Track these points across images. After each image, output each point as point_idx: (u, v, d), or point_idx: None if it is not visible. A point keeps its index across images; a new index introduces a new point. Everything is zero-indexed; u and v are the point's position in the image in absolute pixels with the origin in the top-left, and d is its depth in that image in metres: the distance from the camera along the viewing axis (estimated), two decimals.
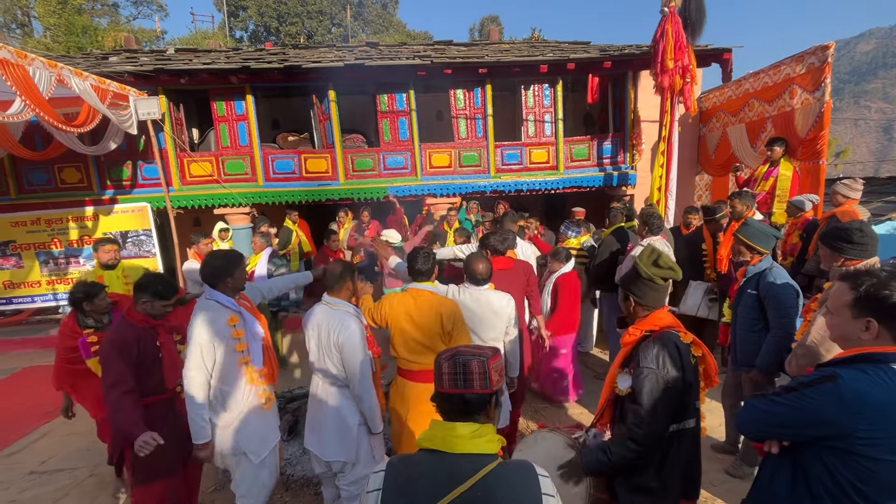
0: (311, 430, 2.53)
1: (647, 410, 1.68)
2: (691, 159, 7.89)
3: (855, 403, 1.19)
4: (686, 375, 1.72)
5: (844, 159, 22.83)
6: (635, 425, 1.70)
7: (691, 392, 1.77)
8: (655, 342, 1.74)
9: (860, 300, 1.28)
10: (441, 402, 1.18)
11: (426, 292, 2.63)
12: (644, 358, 1.72)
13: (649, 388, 1.69)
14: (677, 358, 1.71)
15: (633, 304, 1.88)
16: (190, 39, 22.48)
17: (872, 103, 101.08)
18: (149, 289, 2.42)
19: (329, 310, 2.41)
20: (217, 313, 2.32)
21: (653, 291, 1.84)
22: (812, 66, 5.17)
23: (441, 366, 1.18)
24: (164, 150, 6.75)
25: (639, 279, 1.85)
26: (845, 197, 4.21)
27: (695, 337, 1.81)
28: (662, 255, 1.86)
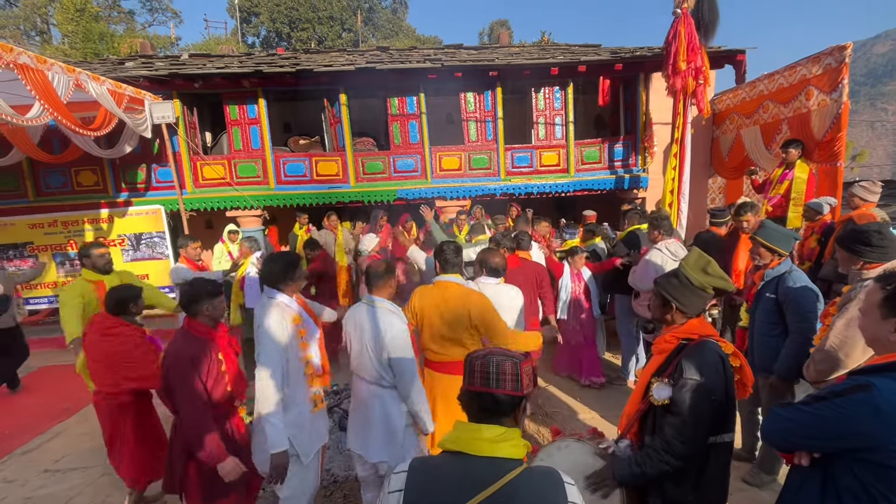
0: (356, 431, 2.50)
1: (690, 423, 1.61)
2: (704, 162, 7.79)
3: (891, 415, 1.14)
4: (728, 387, 1.66)
5: (861, 162, 22.43)
6: (676, 439, 1.62)
7: (732, 404, 1.70)
8: (699, 352, 1.66)
9: (889, 300, 1.24)
10: (469, 401, 1.16)
11: (454, 284, 2.66)
12: (687, 368, 1.63)
13: (693, 400, 1.60)
14: (721, 369, 1.64)
15: (674, 311, 1.78)
16: (203, 45, 22.85)
17: (889, 105, 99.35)
18: (202, 293, 2.35)
19: (372, 309, 2.40)
20: (283, 313, 2.29)
21: (699, 300, 1.76)
22: (829, 67, 5.08)
23: (473, 364, 1.16)
24: (177, 154, 6.84)
25: (686, 286, 1.76)
26: (863, 200, 4.12)
27: (734, 347, 1.74)
28: (711, 262, 1.79)
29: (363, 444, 2.45)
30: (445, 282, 2.68)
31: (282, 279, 2.35)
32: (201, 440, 2.19)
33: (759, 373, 2.90)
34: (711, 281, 1.74)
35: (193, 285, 2.41)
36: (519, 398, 1.14)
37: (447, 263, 2.69)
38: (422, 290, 2.74)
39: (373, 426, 2.41)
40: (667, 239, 3.92)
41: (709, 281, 1.74)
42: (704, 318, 1.79)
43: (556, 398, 4.46)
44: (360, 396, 2.48)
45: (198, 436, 2.20)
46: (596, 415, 4.10)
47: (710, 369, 1.61)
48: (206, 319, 2.36)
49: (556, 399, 4.45)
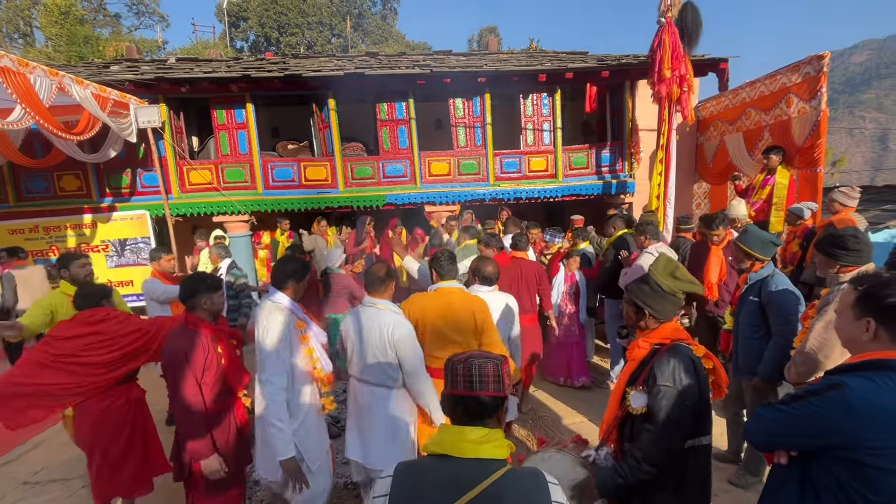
0: (355, 438, 2.50)
1: (666, 431, 1.61)
2: (689, 168, 7.93)
3: (861, 412, 1.17)
4: (703, 390, 1.66)
5: (840, 168, 23.00)
6: (653, 447, 1.62)
7: (707, 406, 1.70)
8: (670, 357, 1.66)
9: (861, 300, 1.28)
10: (453, 405, 1.16)
11: (456, 290, 2.72)
12: (660, 375, 1.64)
13: (667, 406, 1.60)
14: (693, 373, 1.64)
15: (647, 317, 1.79)
16: (191, 49, 22.68)
17: (867, 113, 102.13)
18: (201, 287, 2.35)
19: (375, 311, 2.42)
20: (286, 316, 2.30)
21: (670, 305, 1.77)
22: (808, 76, 5.22)
23: (455, 368, 1.17)
24: (163, 158, 6.76)
25: (657, 292, 1.77)
26: (842, 205, 4.23)
27: (706, 349, 1.75)
28: (680, 266, 1.82)
29: (363, 451, 2.45)
30: (447, 288, 2.72)
31: (290, 280, 2.37)
32: (187, 435, 2.21)
33: (743, 375, 2.95)
34: (680, 285, 1.76)
35: (192, 279, 2.41)
36: (501, 399, 1.16)
37: (444, 270, 2.75)
38: (418, 297, 2.77)
39: (374, 431, 2.41)
40: (655, 243, 3.98)
41: (678, 285, 1.76)
42: (677, 323, 1.80)
43: (544, 403, 4.48)
44: (361, 401, 2.46)
45: (185, 431, 2.22)
46: (584, 418, 4.12)
47: (683, 374, 1.62)
48: (204, 314, 2.35)
49: (544, 405, 4.46)
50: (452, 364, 1.18)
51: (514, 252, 4.29)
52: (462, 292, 2.73)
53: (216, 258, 4.98)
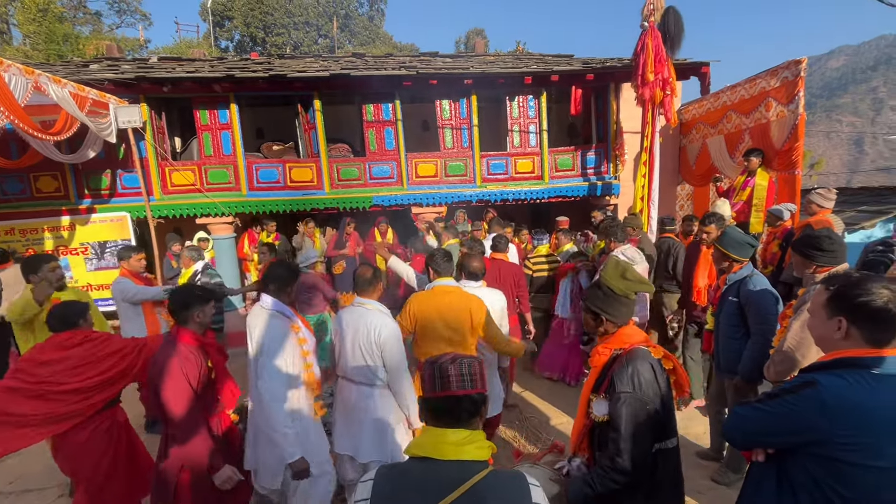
0: (345, 434, 2.54)
1: (630, 437, 1.58)
2: (673, 170, 8.04)
3: (834, 409, 1.20)
4: (664, 393, 1.64)
5: (818, 170, 23.59)
6: (619, 455, 1.59)
7: (670, 409, 1.69)
8: (629, 362, 1.63)
9: (832, 299, 1.30)
10: (432, 408, 1.16)
11: (453, 288, 2.78)
12: (619, 381, 1.61)
13: (629, 413, 1.58)
14: (652, 376, 1.62)
15: (605, 322, 1.78)
16: (174, 49, 22.33)
17: (843, 117, 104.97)
18: (193, 299, 2.31)
19: (363, 311, 2.48)
20: (282, 322, 2.32)
21: (624, 307, 1.76)
22: (786, 80, 5.34)
23: (431, 371, 1.16)
24: (144, 159, 6.64)
25: (609, 295, 1.76)
26: (819, 206, 4.33)
27: (664, 350, 1.74)
28: (628, 267, 1.80)
29: (353, 446, 2.49)
30: (444, 286, 2.78)
31: (283, 288, 2.38)
32: (196, 450, 2.16)
33: (724, 374, 3.00)
34: (631, 286, 1.75)
35: (184, 291, 2.37)
36: (480, 397, 1.16)
37: (441, 268, 2.82)
38: (418, 296, 2.83)
39: (363, 427, 2.45)
40: (621, 245, 4.01)
41: (628, 286, 1.74)
42: (634, 325, 1.79)
43: (531, 404, 4.49)
44: (348, 399, 2.50)
45: (193, 445, 2.16)
46: (570, 419, 4.14)
47: (642, 378, 1.60)
48: (195, 326, 2.32)
49: (531, 405, 4.47)
50: (426, 367, 1.17)
51: (494, 253, 4.33)
52: (459, 291, 2.79)
53: (188, 261, 4.82)
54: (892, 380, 1.20)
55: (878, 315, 1.21)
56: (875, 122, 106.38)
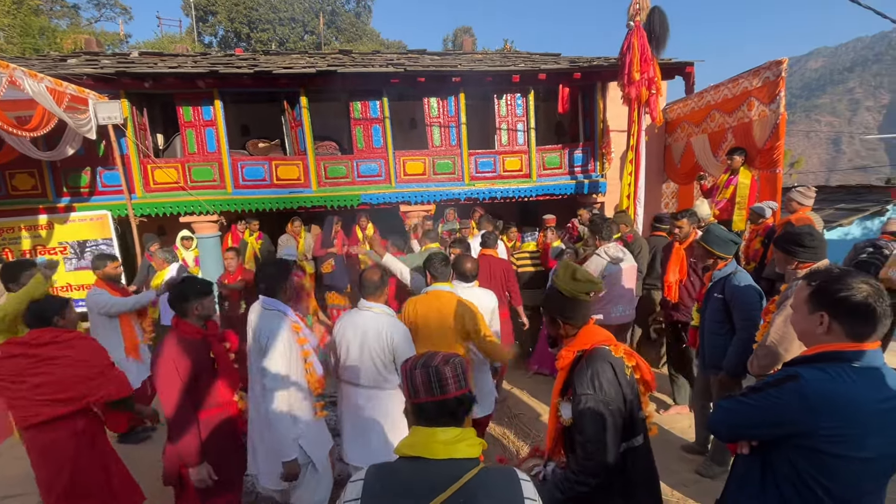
0: (355, 442, 2.53)
1: (593, 440, 1.56)
2: (658, 168, 8.14)
3: (816, 401, 1.22)
4: (625, 391, 1.62)
5: (798, 169, 24.12)
6: (585, 458, 1.58)
7: (634, 407, 1.66)
8: (588, 364, 1.62)
9: (814, 295, 1.33)
10: (420, 412, 1.14)
11: (446, 293, 2.82)
12: (579, 384, 1.60)
13: (590, 415, 1.56)
14: (613, 376, 1.60)
15: (563, 325, 1.77)
16: (156, 44, 21.83)
17: (822, 117, 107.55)
18: (191, 292, 2.32)
19: (371, 315, 2.47)
20: (282, 321, 2.31)
21: (580, 307, 1.75)
22: (768, 80, 5.44)
23: (414, 376, 1.14)
24: (126, 156, 6.50)
25: (562, 299, 1.75)
26: (800, 204, 4.43)
27: (626, 347, 1.73)
28: (578, 269, 1.79)
29: (364, 454, 2.47)
30: (438, 291, 2.83)
31: (278, 286, 2.36)
32: (178, 442, 2.19)
33: (709, 370, 3.05)
34: (581, 286, 1.73)
35: (183, 283, 2.37)
36: (467, 396, 1.16)
37: (438, 273, 2.86)
38: (415, 300, 2.87)
39: (374, 431, 2.46)
40: (606, 243, 4.06)
41: (579, 287, 1.73)
42: (594, 325, 1.78)
43: (523, 401, 4.52)
44: (357, 404, 2.50)
45: (176, 438, 2.20)
46: None
47: (602, 379, 1.58)
48: (195, 319, 2.33)
49: (523, 402, 4.50)
50: (409, 373, 1.15)
51: (484, 249, 4.39)
52: (452, 294, 2.83)
53: (161, 263, 4.60)
54: (872, 372, 1.23)
55: (858, 309, 1.24)
56: (852, 122, 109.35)
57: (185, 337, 2.28)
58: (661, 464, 1.84)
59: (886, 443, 1.21)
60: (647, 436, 1.73)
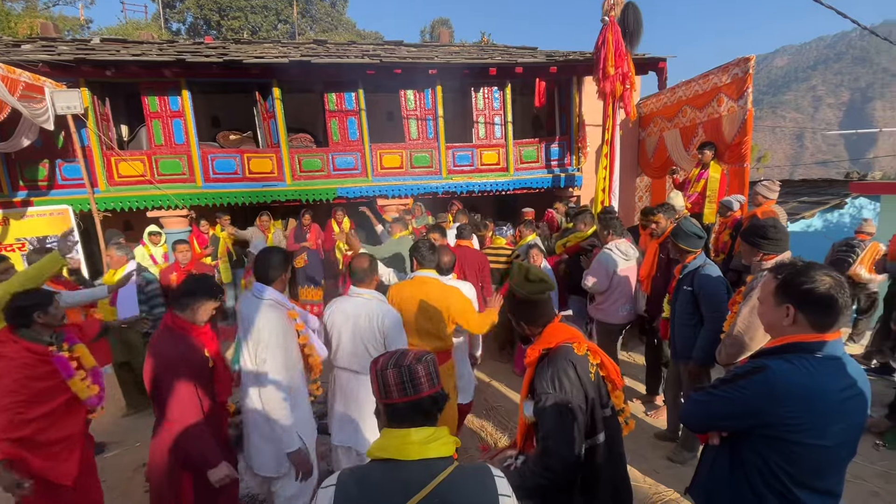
0: (342, 425, 2.55)
1: (554, 436, 1.56)
2: (632, 162, 8.29)
3: (781, 391, 1.26)
4: (587, 390, 1.60)
5: (765, 163, 24.96)
6: (547, 453, 1.57)
7: (595, 406, 1.64)
8: (548, 363, 1.62)
9: (780, 287, 1.37)
10: (393, 413, 1.12)
11: (432, 279, 2.86)
12: (539, 383, 1.60)
13: (550, 413, 1.56)
14: (573, 375, 1.59)
15: (526, 327, 1.77)
16: (119, 30, 20.86)
17: (787, 113, 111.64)
18: (202, 290, 2.19)
19: (362, 301, 2.49)
20: (279, 311, 2.28)
21: (540, 307, 1.74)
22: (736, 77, 5.58)
23: (385, 377, 1.11)
24: (87, 148, 6.20)
25: (520, 301, 1.74)
26: (765, 197, 4.58)
27: (590, 344, 1.71)
28: (531, 269, 1.77)
29: (353, 436, 2.52)
30: (423, 277, 2.87)
31: (274, 274, 2.32)
32: (194, 444, 2.07)
33: (680, 360, 3.14)
34: (535, 286, 1.72)
35: (196, 280, 2.23)
36: (440, 395, 1.14)
37: (424, 259, 2.89)
38: (399, 286, 2.91)
39: (364, 415, 2.49)
40: (617, 239, 3.99)
41: (533, 287, 1.72)
42: (559, 323, 1.75)
43: (499, 392, 4.56)
44: (348, 388, 2.52)
45: (190, 439, 2.06)
46: None
47: (562, 377, 1.57)
48: (192, 316, 2.19)
49: (500, 393, 4.54)
50: (380, 373, 1.11)
51: (459, 241, 4.47)
52: (438, 281, 2.86)
53: (118, 261, 4.15)
54: (833, 362, 1.28)
55: (821, 301, 1.28)
56: (814, 119, 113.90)
57: (183, 335, 2.16)
58: (634, 451, 1.87)
59: (846, 430, 1.26)
60: (614, 434, 1.71)
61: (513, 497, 1.10)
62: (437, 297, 2.76)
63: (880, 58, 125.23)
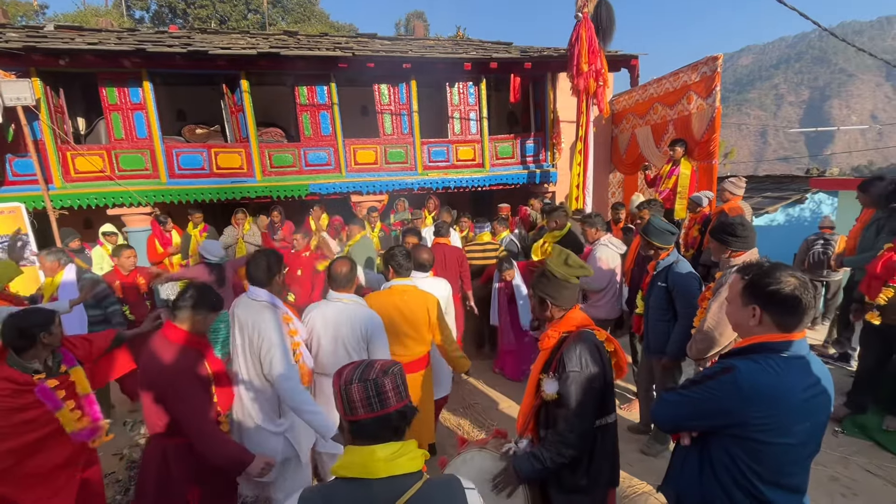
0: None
1: (578, 413, 1.69)
2: (605, 158, 8.41)
3: (748, 391, 1.28)
4: (606, 372, 1.76)
5: (731, 160, 25.80)
6: (567, 430, 1.70)
7: (611, 387, 1.80)
8: (576, 344, 1.73)
9: (747, 288, 1.39)
10: (357, 431, 1.06)
11: (411, 287, 2.86)
12: (568, 361, 1.71)
13: (577, 390, 1.68)
14: (598, 356, 1.73)
15: (551, 307, 1.87)
16: (76, 17, 19.79)
17: (751, 111, 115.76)
18: (205, 302, 2.10)
19: (342, 306, 2.47)
20: (275, 314, 2.27)
21: (568, 291, 1.85)
22: (705, 75, 5.71)
23: (350, 393, 1.05)
24: (40, 142, 5.86)
25: (553, 281, 1.85)
26: (732, 194, 4.70)
27: (608, 333, 1.86)
28: (571, 254, 1.90)
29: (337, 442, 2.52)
30: (402, 286, 2.85)
31: (269, 278, 2.31)
32: (223, 451, 2.00)
33: (653, 354, 3.18)
34: (573, 271, 1.86)
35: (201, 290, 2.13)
36: (411, 407, 1.10)
37: (400, 267, 2.87)
38: (376, 296, 2.86)
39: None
40: (606, 234, 4.01)
41: (571, 272, 1.85)
42: (579, 310, 1.89)
43: (476, 390, 4.55)
44: (329, 394, 2.50)
45: (217, 448, 1.99)
46: (513, 404, 4.24)
47: (589, 359, 1.71)
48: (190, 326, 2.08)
49: (476, 390, 4.53)
50: (344, 388, 1.06)
51: (437, 238, 4.50)
52: (416, 289, 2.85)
53: (53, 268, 3.66)
54: (798, 362, 1.30)
55: (786, 301, 1.30)
56: (777, 116, 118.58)
57: (186, 347, 2.04)
58: None
59: (811, 427, 1.29)
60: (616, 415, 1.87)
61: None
62: (416, 303, 2.78)
63: (837, 58, 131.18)
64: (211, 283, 3.77)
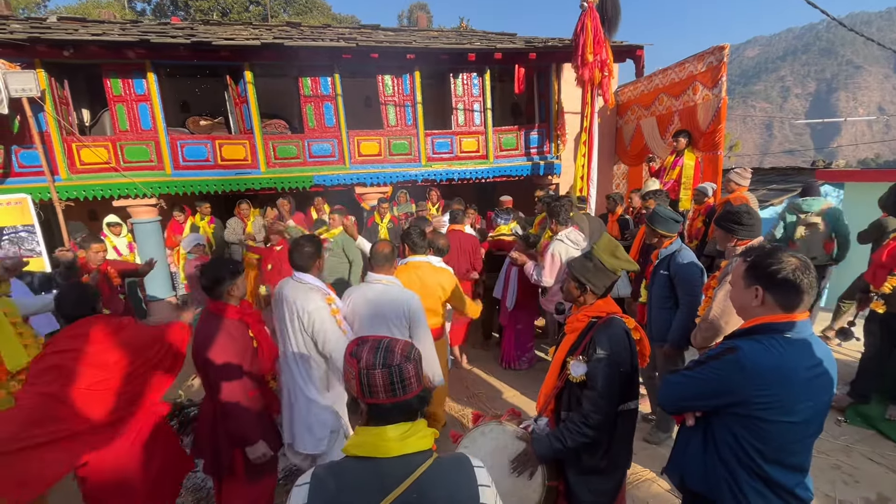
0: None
1: (605, 395, 1.73)
2: (610, 150, 8.36)
3: (751, 371, 1.30)
4: (633, 358, 1.81)
5: (736, 152, 25.66)
6: (592, 411, 1.74)
7: (636, 373, 1.85)
8: (607, 328, 1.79)
9: (749, 270, 1.41)
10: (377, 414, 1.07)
11: (425, 263, 3.09)
12: (599, 344, 1.76)
13: (606, 373, 1.73)
14: (626, 343, 1.78)
15: (588, 292, 1.91)
16: (79, 9, 19.77)
17: (757, 103, 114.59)
18: (225, 274, 2.28)
19: (382, 287, 2.62)
20: (320, 295, 2.42)
21: (608, 281, 1.90)
22: (711, 65, 5.66)
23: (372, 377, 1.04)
24: (45, 133, 5.88)
25: (598, 269, 1.89)
26: (737, 184, 4.68)
27: (635, 322, 1.91)
28: (619, 246, 1.95)
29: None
30: (417, 262, 3.09)
31: (312, 260, 2.47)
32: (234, 422, 2.20)
33: (655, 342, 3.19)
34: (620, 264, 1.89)
35: (213, 266, 2.32)
36: (428, 391, 1.11)
37: (415, 246, 3.10)
38: (398, 270, 3.03)
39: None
40: (565, 228, 3.99)
41: (618, 264, 1.89)
42: (610, 298, 1.93)
43: (480, 379, 4.59)
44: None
45: (230, 417, 2.19)
46: (516, 392, 4.28)
47: (619, 344, 1.76)
48: (232, 300, 2.32)
49: (480, 380, 4.57)
50: (366, 372, 1.04)
51: (452, 225, 4.68)
52: (430, 265, 3.08)
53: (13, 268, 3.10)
54: (801, 342, 1.32)
55: (787, 281, 1.32)
56: (783, 108, 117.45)
57: (225, 317, 2.25)
58: None
59: (813, 407, 1.31)
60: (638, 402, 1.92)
61: (492, 486, 1.09)
62: (431, 279, 3.03)
63: (845, 49, 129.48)
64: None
